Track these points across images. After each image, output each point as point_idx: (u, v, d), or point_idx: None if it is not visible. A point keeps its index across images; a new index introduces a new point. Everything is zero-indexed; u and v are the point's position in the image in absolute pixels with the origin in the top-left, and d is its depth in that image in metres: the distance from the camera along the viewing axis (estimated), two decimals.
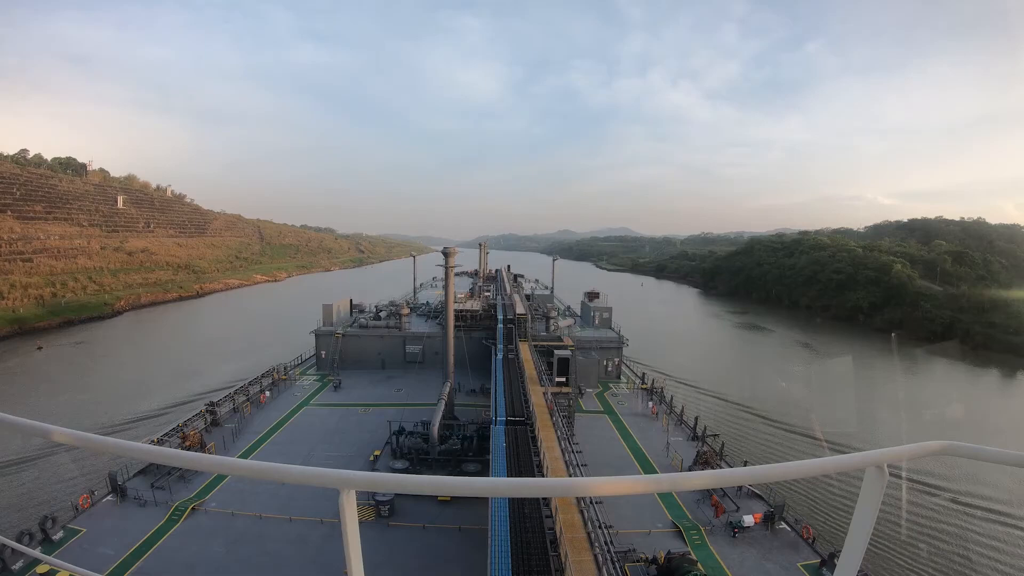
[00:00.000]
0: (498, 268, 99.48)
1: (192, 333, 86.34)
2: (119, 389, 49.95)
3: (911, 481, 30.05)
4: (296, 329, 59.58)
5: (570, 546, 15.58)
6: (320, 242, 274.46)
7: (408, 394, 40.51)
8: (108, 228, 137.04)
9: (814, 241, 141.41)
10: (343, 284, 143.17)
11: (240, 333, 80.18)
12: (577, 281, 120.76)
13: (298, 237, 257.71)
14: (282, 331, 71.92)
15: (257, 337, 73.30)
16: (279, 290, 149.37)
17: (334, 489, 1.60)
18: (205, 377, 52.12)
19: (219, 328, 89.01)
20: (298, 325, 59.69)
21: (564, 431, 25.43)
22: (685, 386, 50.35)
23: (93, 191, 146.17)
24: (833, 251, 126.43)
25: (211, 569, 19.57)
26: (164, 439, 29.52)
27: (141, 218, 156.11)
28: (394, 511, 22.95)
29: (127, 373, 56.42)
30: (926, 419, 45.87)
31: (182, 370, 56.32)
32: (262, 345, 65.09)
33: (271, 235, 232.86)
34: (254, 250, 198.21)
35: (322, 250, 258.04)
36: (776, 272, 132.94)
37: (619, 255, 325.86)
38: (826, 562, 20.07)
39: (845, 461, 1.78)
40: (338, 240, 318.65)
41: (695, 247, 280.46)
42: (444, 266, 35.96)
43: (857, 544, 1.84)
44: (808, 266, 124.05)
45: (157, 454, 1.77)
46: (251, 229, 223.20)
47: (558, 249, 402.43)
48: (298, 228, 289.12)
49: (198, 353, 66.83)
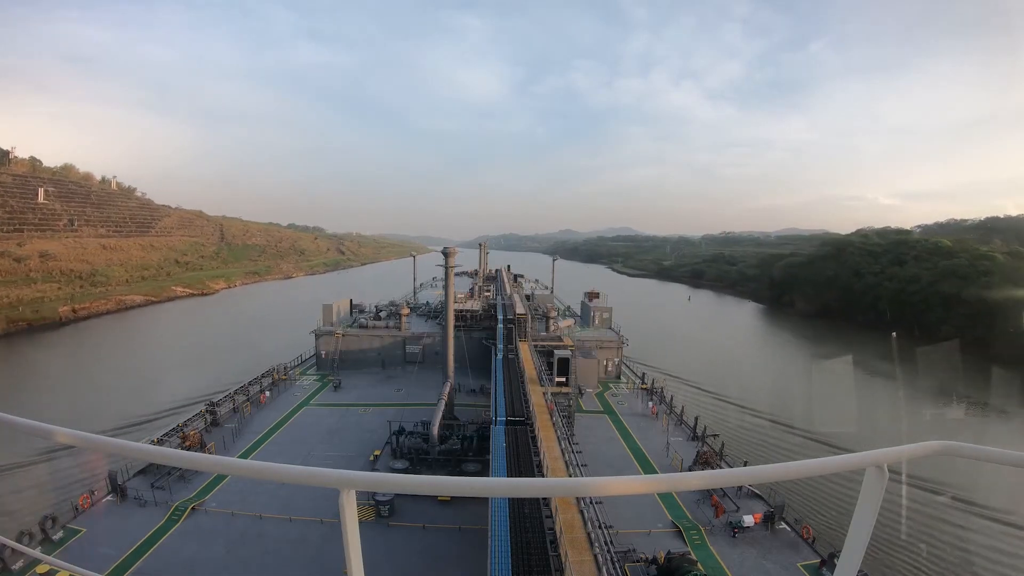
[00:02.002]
0: (498, 268, 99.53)
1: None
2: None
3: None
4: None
5: (570, 546, 15.58)
6: (294, 242, 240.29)
7: (408, 394, 40.48)
8: (11, 227, 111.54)
9: (932, 245, 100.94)
10: (289, 299, 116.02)
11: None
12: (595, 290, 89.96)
13: (268, 236, 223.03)
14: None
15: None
16: (188, 312, 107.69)
17: (334, 489, 1.61)
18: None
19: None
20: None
21: (564, 431, 25.44)
22: (685, 386, 50.31)
23: (10, 182, 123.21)
24: (968, 258, 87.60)
25: (211, 569, 19.56)
26: (164, 439, 29.53)
27: (66, 214, 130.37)
28: (394, 511, 22.94)
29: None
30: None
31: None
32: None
33: (236, 234, 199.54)
34: (206, 252, 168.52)
35: (294, 251, 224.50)
36: (892, 287, 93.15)
37: (634, 256, 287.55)
38: (826, 562, 20.06)
39: (845, 461, 1.77)
40: (318, 240, 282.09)
41: (716, 247, 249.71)
42: (444, 266, 35.98)
43: (857, 544, 1.84)
44: (942, 279, 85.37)
45: (157, 454, 1.77)
46: (211, 227, 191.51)
47: (562, 249, 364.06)
48: (269, 226, 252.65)
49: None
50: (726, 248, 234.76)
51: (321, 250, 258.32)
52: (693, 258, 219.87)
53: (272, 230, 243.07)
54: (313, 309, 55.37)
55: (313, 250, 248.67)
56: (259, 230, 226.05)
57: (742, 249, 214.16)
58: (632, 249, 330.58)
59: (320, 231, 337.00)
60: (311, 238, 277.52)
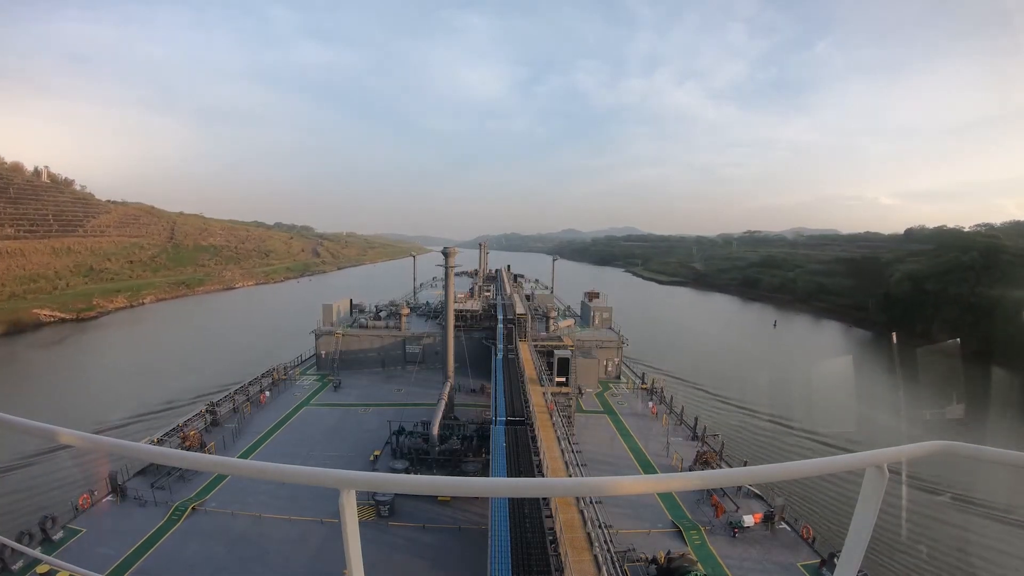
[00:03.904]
0: (498, 268, 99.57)
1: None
2: None
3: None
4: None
5: (570, 546, 15.59)
6: (261, 242, 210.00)
7: (408, 394, 40.47)
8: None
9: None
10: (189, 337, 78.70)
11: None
12: (631, 305, 68.98)
13: (230, 236, 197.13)
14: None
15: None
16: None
17: (334, 489, 1.61)
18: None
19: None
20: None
21: (564, 431, 25.44)
22: (685, 386, 50.30)
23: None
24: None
25: (211, 569, 19.56)
26: (164, 439, 29.51)
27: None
28: (394, 511, 22.93)
29: None
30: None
31: None
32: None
33: (190, 233, 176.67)
34: (142, 256, 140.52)
35: (258, 253, 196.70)
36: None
37: (654, 258, 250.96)
38: (826, 562, 20.06)
39: (845, 461, 1.77)
40: (294, 239, 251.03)
41: (744, 248, 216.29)
42: (444, 266, 35.99)
43: (857, 544, 1.84)
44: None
45: (157, 454, 1.78)
46: (161, 226, 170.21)
47: (568, 250, 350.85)
48: (234, 224, 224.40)
49: None
50: (754, 249, 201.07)
51: (293, 251, 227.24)
52: (724, 260, 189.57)
53: (238, 229, 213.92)
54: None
55: (283, 251, 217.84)
56: (221, 228, 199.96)
57: (779, 250, 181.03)
58: (648, 250, 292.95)
59: (308, 230, 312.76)
60: (286, 237, 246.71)
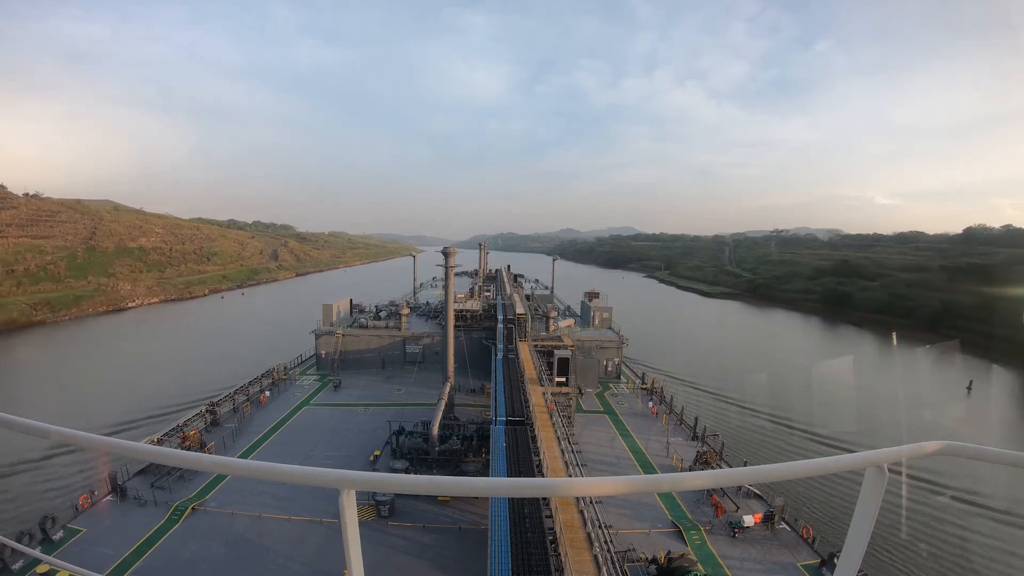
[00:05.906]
0: (498, 268, 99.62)
1: None
2: None
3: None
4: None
5: (570, 546, 15.60)
6: (205, 242, 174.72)
7: (408, 394, 40.49)
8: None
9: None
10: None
11: None
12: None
13: (170, 235, 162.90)
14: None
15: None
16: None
17: (334, 489, 1.61)
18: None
19: None
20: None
21: (564, 431, 25.46)
22: (685, 386, 50.29)
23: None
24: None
25: (211, 569, 19.57)
26: (164, 439, 29.52)
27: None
28: (394, 511, 22.95)
29: None
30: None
31: None
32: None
33: (119, 232, 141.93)
34: (38, 262, 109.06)
35: (197, 256, 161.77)
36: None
37: (679, 262, 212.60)
38: (826, 562, 20.06)
39: (845, 461, 1.77)
40: (253, 238, 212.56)
41: (782, 250, 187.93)
42: (444, 266, 35.99)
43: (857, 544, 1.84)
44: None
45: (157, 454, 1.77)
46: (83, 224, 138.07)
47: (570, 250, 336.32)
48: (171, 220, 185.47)
49: None
50: (790, 251, 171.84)
51: (246, 254, 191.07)
52: (776, 265, 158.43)
53: (182, 227, 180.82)
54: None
55: (232, 253, 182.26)
56: (162, 227, 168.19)
57: (838, 253, 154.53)
58: (662, 251, 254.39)
59: (287, 229, 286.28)
60: (244, 237, 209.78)
